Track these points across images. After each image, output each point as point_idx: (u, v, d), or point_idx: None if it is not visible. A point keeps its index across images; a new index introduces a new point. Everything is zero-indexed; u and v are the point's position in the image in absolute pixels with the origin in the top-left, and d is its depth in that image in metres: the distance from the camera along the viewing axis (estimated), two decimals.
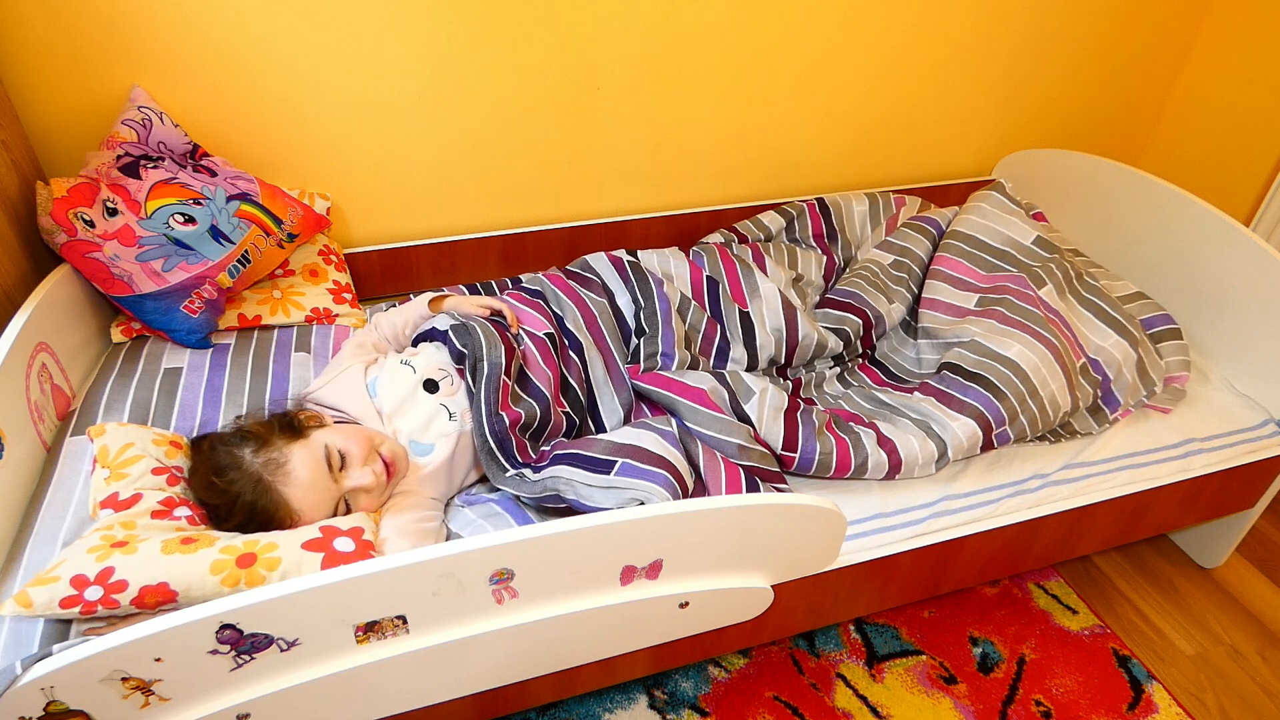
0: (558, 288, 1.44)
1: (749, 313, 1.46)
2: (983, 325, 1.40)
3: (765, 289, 1.48)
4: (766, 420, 1.24)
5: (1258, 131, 1.97)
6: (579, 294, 1.44)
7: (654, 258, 1.53)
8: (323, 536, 0.95)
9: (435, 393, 1.21)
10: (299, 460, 1.02)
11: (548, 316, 1.38)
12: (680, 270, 1.52)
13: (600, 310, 1.42)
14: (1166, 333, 1.51)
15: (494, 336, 1.24)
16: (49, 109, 1.37)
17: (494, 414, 1.17)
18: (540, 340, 1.32)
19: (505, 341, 1.25)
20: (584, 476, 1.10)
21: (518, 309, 1.38)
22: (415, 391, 1.20)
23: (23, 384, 1.10)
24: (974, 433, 1.27)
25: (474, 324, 1.25)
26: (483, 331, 1.24)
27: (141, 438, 1.07)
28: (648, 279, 1.45)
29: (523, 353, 1.29)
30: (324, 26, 1.42)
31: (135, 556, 0.88)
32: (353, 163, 1.58)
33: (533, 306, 1.39)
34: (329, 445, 1.04)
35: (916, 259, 1.59)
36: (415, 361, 1.24)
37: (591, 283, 1.48)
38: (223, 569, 0.89)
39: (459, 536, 1.14)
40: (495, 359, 1.21)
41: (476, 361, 1.21)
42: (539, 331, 1.34)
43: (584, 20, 1.56)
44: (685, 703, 1.36)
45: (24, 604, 0.84)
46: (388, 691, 0.98)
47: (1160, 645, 1.51)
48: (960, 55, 1.88)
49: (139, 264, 1.27)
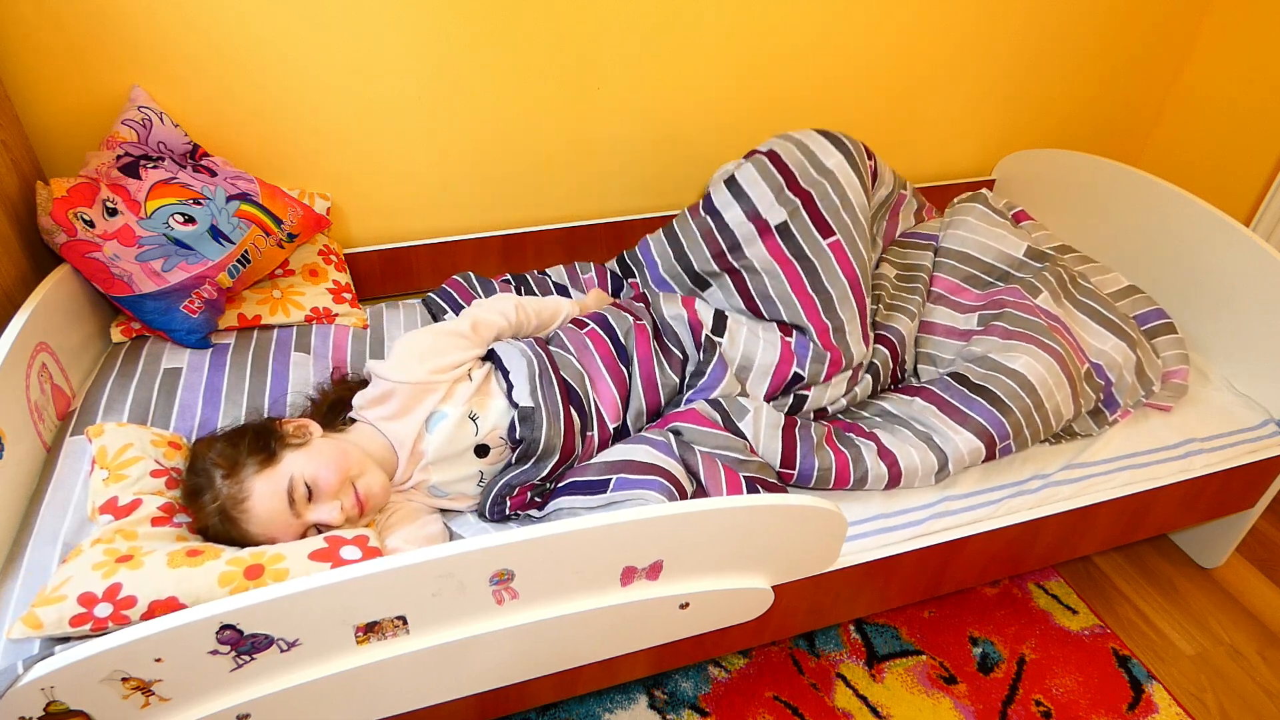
0: (640, 359, 1.27)
1: (806, 396, 1.35)
2: (987, 343, 1.37)
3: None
4: (764, 438, 1.22)
5: (1258, 131, 1.97)
6: (656, 384, 1.27)
7: (743, 336, 1.33)
8: (329, 546, 0.95)
9: (483, 457, 1.16)
10: (259, 496, 0.99)
11: (624, 396, 1.25)
12: (766, 360, 1.33)
13: (667, 396, 1.28)
14: (1161, 328, 1.51)
15: (557, 439, 1.14)
16: (49, 109, 1.37)
17: (500, 502, 1.14)
18: (606, 434, 1.22)
19: (567, 444, 1.15)
20: (584, 501, 1.10)
21: (599, 370, 1.26)
22: (465, 454, 1.15)
23: (23, 384, 1.10)
24: (976, 447, 1.26)
25: (543, 414, 1.14)
26: (548, 430, 1.13)
27: (140, 438, 1.07)
28: (703, 374, 1.28)
29: (586, 441, 1.20)
30: (324, 26, 1.42)
31: (142, 571, 0.87)
32: (353, 163, 1.58)
33: (614, 378, 1.25)
34: (294, 477, 1.00)
35: (923, 269, 1.55)
36: (482, 420, 1.15)
37: (674, 358, 1.30)
38: (230, 580, 0.89)
39: (460, 537, 1.14)
40: (543, 467, 1.14)
41: (525, 459, 1.14)
42: (611, 424, 1.22)
43: (584, 20, 1.56)
44: (685, 703, 1.36)
45: (33, 625, 0.83)
46: (388, 692, 0.98)
47: (1160, 645, 1.51)
48: (960, 55, 1.88)
49: (139, 264, 1.27)
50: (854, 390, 1.37)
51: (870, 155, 1.48)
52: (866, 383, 1.39)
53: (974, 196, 1.62)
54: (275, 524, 1.00)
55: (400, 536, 1.06)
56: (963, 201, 1.63)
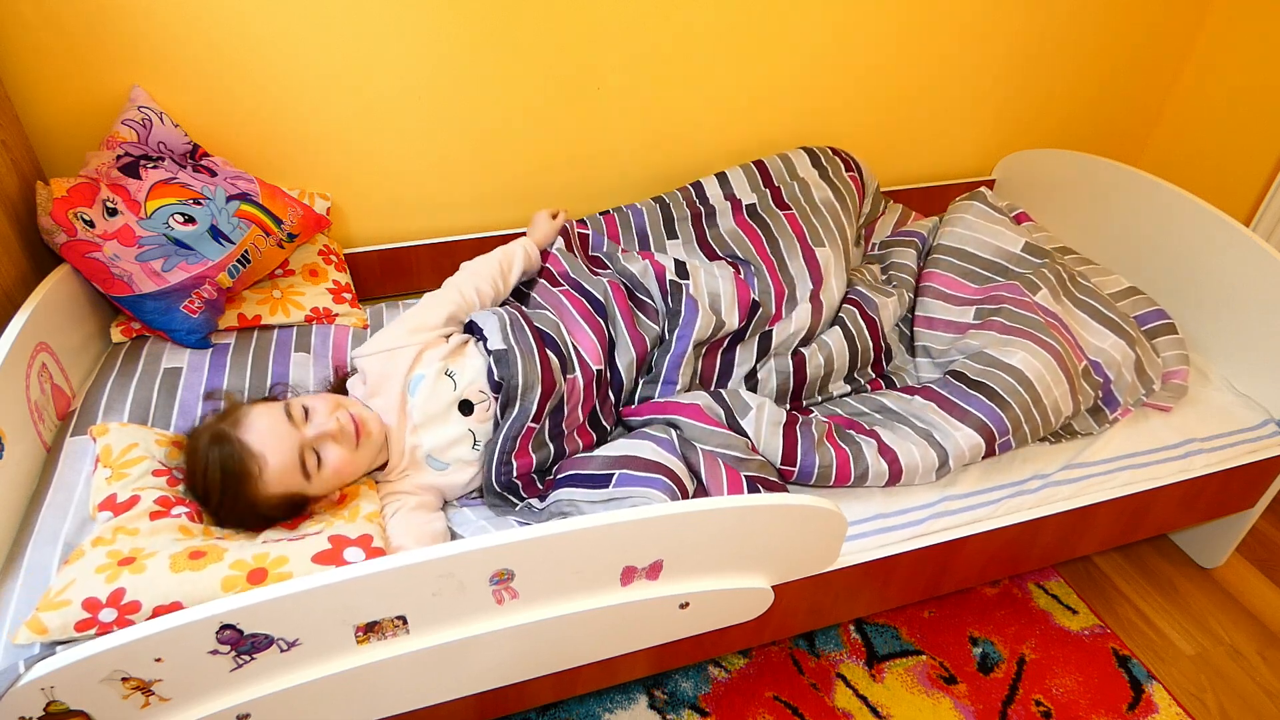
0: (620, 310, 1.33)
1: (771, 332, 1.39)
2: (984, 338, 1.38)
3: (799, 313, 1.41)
4: (765, 435, 1.22)
5: (1258, 131, 1.97)
6: (637, 329, 1.32)
7: (703, 276, 1.42)
8: (332, 548, 0.95)
9: (469, 415, 1.17)
10: (257, 412, 1.03)
11: (603, 343, 1.29)
12: (728, 289, 1.40)
13: (651, 342, 1.33)
14: (1161, 328, 1.51)
15: (535, 374, 1.17)
16: (49, 109, 1.37)
17: (505, 462, 1.14)
18: (590, 375, 1.25)
19: (546, 379, 1.17)
20: (584, 494, 1.10)
21: (576, 321, 1.31)
22: (450, 411, 1.17)
23: (23, 384, 1.10)
24: (976, 443, 1.26)
25: (517, 354, 1.17)
26: (524, 366, 1.16)
27: (145, 438, 1.07)
28: (679, 313, 1.33)
29: (569, 384, 1.22)
30: (324, 26, 1.42)
31: (145, 575, 0.87)
32: (353, 163, 1.58)
33: (592, 327, 1.30)
34: (291, 401, 1.07)
35: (907, 269, 1.57)
36: (459, 375, 1.18)
37: (648, 309, 1.37)
38: (234, 585, 0.88)
39: (460, 536, 1.14)
40: (529, 404, 1.15)
41: (509, 401, 1.16)
42: (593, 365, 1.26)
43: (584, 21, 1.56)
44: (685, 703, 1.36)
45: (38, 630, 0.83)
46: (388, 692, 0.98)
47: (1160, 645, 1.51)
48: (960, 55, 1.88)
49: (139, 264, 1.27)
50: (823, 340, 1.42)
51: (852, 166, 1.69)
52: (840, 343, 1.41)
53: (973, 195, 1.63)
54: (275, 432, 1.01)
55: (402, 524, 1.06)
56: (961, 200, 1.64)
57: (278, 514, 1.04)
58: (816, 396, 1.44)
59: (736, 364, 1.38)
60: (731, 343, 1.38)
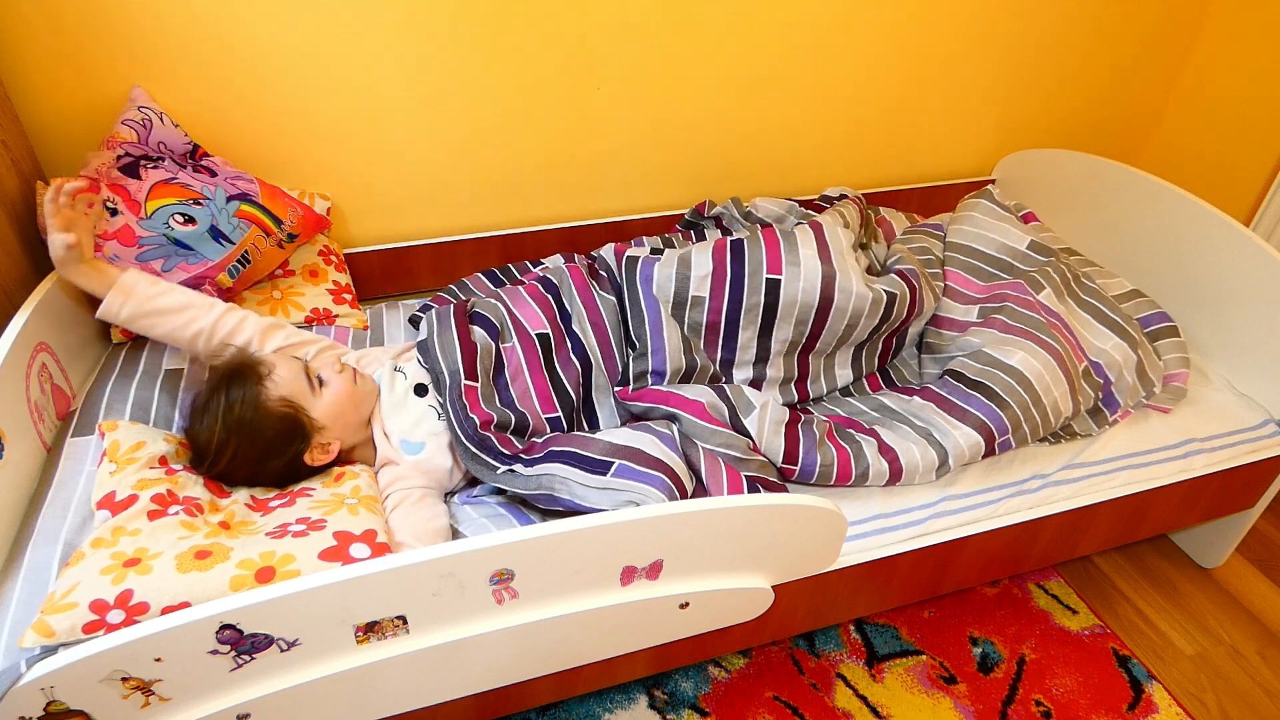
0: (575, 283, 1.39)
1: (779, 280, 1.31)
2: (985, 336, 1.39)
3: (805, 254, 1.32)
4: (767, 435, 1.22)
5: (1258, 131, 1.97)
6: (593, 295, 1.38)
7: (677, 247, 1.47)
8: (338, 544, 0.95)
9: (425, 395, 1.24)
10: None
11: (550, 315, 1.35)
12: (700, 247, 1.37)
13: (609, 313, 1.37)
14: (1164, 331, 1.51)
15: (450, 342, 1.25)
16: (49, 109, 1.37)
17: (464, 418, 1.18)
18: (530, 341, 1.31)
19: (464, 344, 1.25)
20: (580, 476, 1.10)
21: (521, 297, 1.37)
22: (406, 396, 1.23)
23: (23, 384, 1.10)
24: (976, 442, 1.27)
25: (431, 333, 1.27)
26: (439, 340, 1.26)
27: (154, 437, 1.08)
28: (635, 283, 1.35)
29: (506, 351, 1.30)
30: (326, 27, 1.42)
31: (151, 576, 0.87)
32: (353, 163, 1.58)
33: (538, 301, 1.36)
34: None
35: (935, 259, 1.58)
36: (407, 368, 1.27)
37: (605, 281, 1.43)
38: (242, 585, 0.88)
39: (461, 535, 1.14)
40: (453, 367, 1.23)
41: (438, 375, 1.24)
42: (533, 330, 1.32)
43: (584, 21, 1.56)
44: (685, 703, 1.36)
45: (45, 633, 0.83)
46: (388, 692, 0.98)
47: (1160, 645, 1.51)
48: (960, 55, 1.88)
49: (139, 264, 1.27)
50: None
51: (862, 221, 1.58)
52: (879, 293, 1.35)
53: (980, 193, 1.64)
54: (281, 358, 1.14)
55: (405, 519, 1.07)
56: (969, 198, 1.65)
57: (281, 446, 1.08)
58: (822, 384, 1.42)
59: (742, 327, 1.34)
60: (732, 310, 1.34)
